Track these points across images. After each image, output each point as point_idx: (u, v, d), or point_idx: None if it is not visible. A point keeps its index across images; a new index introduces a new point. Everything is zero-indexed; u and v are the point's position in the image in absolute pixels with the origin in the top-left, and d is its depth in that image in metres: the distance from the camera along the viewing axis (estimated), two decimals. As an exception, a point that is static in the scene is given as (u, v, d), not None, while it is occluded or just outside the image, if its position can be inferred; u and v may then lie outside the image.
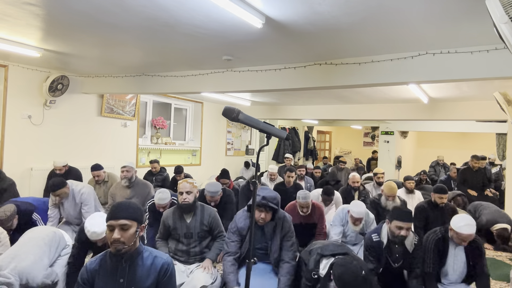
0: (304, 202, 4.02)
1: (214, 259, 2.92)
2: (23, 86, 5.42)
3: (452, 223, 2.80)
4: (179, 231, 2.97)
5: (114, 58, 4.68)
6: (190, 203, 2.96)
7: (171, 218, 3.01)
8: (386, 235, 2.88)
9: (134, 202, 1.96)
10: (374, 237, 2.91)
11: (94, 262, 1.92)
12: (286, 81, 4.56)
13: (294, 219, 3.87)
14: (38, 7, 2.94)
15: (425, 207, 4.42)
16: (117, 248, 1.79)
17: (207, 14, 2.92)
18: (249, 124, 1.72)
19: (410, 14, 2.75)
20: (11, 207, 3.50)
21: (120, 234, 1.79)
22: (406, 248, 2.85)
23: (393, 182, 4.54)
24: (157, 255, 1.94)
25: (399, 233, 2.74)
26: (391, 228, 2.81)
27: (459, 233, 2.74)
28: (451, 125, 10.43)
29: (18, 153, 5.36)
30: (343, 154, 14.88)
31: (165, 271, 1.90)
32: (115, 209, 1.85)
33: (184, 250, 2.97)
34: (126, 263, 1.86)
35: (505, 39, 1.81)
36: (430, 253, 2.85)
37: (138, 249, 1.90)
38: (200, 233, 2.99)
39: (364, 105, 8.08)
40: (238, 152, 10.15)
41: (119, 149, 6.82)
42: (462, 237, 2.74)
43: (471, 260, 2.83)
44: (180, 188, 3.00)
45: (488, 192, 6.91)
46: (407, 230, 2.74)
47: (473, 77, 3.49)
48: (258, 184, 4.50)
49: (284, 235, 2.84)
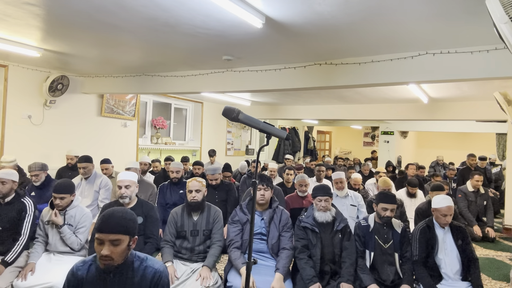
0: (302, 180, 4.36)
1: (212, 266, 2.91)
2: (23, 86, 5.42)
3: (432, 205, 3.00)
4: (186, 228, 3.02)
5: (114, 58, 4.69)
6: (199, 201, 3.02)
7: (180, 215, 3.07)
8: (373, 219, 3.09)
9: (129, 211, 1.77)
10: (362, 222, 3.12)
11: (81, 268, 1.76)
12: (286, 81, 4.57)
13: (293, 204, 4.30)
14: (38, 7, 2.94)
15: (426, 207, 4.42)
16: (106, 264, 1.64)
17: (207, 14, 2.93)
18: (249, 124, 1.72)
19: (410, 14, 2.75)
20: (45, 164, 4.39)
21: (110, 250, 1.62)
22: (394, 229, 3.03)
23: (387, 178, 4.69)
24: (148, 265, 1.78)
25: (385, 214, 2.96)
26: (377, 211, 3.03)
27: (439, 208, 2.92)
28: (451, 125, 10.43)
29: (18, 153, 5.36)
30: (343, 154, 14.89)
31: (157, 281, 1.75)
32: (106, 220, 1.65)
33: (189, 248, 3.01)
34: (115, 276, 1.70)
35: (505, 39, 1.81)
36: (416, 243, 3.00)
37: (128, 259, 1.73)
38: (206, 231, 3.04)
39: (364, 105, 8.08)
40: (238, 152, 10.15)
41: (119, 149, 6.82)
42: (442, 212, 2.90)
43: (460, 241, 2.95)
44: (189, 187, 3.03)
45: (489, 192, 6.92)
46: (391, 211, 2.97)
47: (473, 77, 3.49)
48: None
49: (283, 227, 3.07)
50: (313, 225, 3.00)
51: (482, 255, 4.76)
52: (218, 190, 4.58)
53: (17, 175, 3.22)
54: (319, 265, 2.93)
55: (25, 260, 2.98)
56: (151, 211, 3.15)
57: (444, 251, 2.94)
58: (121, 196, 3.03)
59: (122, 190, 3.02)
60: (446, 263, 2.91)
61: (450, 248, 2.93)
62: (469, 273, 2.90)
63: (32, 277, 2.78)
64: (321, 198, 3.02)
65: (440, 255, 2.94)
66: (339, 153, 15.19)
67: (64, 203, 2.98)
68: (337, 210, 3.14)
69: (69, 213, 3.05)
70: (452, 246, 2.94)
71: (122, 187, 3.03)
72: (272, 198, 3.15)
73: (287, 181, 5.41)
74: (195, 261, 2.99)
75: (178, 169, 4.65)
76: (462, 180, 6.83)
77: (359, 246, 3.02)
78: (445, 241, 2.96)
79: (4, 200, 3.09)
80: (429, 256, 2.95)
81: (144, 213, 3.10)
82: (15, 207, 3.10)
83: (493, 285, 3.80)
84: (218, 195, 4.56)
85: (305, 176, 4.42)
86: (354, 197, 4.42)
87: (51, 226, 3.03)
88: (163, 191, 4.63)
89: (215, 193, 4.55)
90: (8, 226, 3.04)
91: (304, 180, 4.36)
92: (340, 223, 3.02)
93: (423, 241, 2.97)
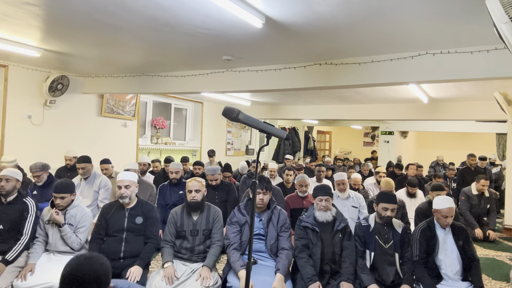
0: (302, 180, 4.36)
1: (212, 266, 2.91)
2: (23, 86, 5.42)
3: (434, 205, 2.98)
4: (185, 228, 3.02)
5: (114, 58, 4.69)
6: (199, 201, 3.02)
7: (179, 215, 3.07)
8: (374, 219, 3.08)
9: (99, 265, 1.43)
10: (363, 222, 3.12)
11: None
12: (286, 81, 4.57)
13: (294, 204, 4.32)
14: (38, 7, 2.94)
15: (426, 207, 4.41)
16: None
17: (207, 14, 2.93)
18: (249, 124, 1.72)
19: (410, 14, 2.75)
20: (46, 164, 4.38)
21: None
22: (395, 229, 3.02)
23: (389, 179, 4.63)
24: None
25: (385, 214, 2.96)
26: (378, 210, 3.02)
27: (440, 209, 2.91)
28: (451, 125, 10.43)
29: (18, 153, 5.36)
30: (343, 154, 14.88)
31: None
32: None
33: (189, 248, 3.00)
34: None
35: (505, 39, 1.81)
36: (417, 243, 2.99)
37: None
38: (206, 231, 3.04)
39: (364, 105, 8.08)
40: (238, 152, 10.15)
41: (119, 149, 6.82)
42: (443, 213, 2.89)
43: (460, 241, 2.93)
44: (189, 187, 3.03)
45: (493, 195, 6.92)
46: (392, 211, 2.96)
47: (473, 77, 3.49)
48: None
49: (281, 227, 3.08)
50: (313, 225, 3.00)
51: (482, 255, 4.76)
52: (218, 191, 4.59)
53: (21, 175, 3.23)
54: (319, 264, 2.93)
55: (25, 260, 2.98)
56: (151, 211, 3.15)
57: (445, 252, 2.93)
58: (121, 196, 3.02)
59: (122, 190, 3.01)
60: (446, 264, 2.90)
61: (450, 249, 2.92)
62: (470, 273, 2.89)
63: (32, 277, 2.78)
64: (322, 197, 3.02)
65: (440, 256, 2.93)
66: (339, 153, 15.19)
67: (64, 203, 2.98)
68: (338, 210, 3.14)
69: (70, 213, 3.05)
70: (453, 247, 2.93)
71: (122, 187, 3.02)
72: (271, 199, 3.16)
73: (287, 181, 5.41)
74: (195, 261, 2.98)
75: (178, 170, 4.66)
76: (462, 180, 6.83)
77: (359, 246, 3.02)
78: (446, 242, 2.95)
79: (6, 199, 3.09)
80: (429, 256, 2.95)
81: (144, 213, 3.10)
82: (17, 207, 3.10)
83: (493, 285, 3.80)
84: (218, 195, 4.56)
85: (305, 176, 4.42)
86: (355, 198, 4.40)
87: (51, 226, 3.03)
88: (163, 191, 4.63)
89: (215, 193, 4.55)
90: (10, 226, 3.05)
91: (305, 180, 4.36)
92: (341, 223, 3.03)
93: (424, 241, 2.96)
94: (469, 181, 6.73)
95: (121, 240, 3.00)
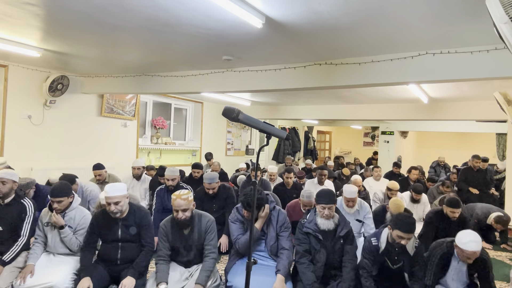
0: (308, 201, 4.05)
1: (204, 284, 2.76)
2: (23, 86, 5.42)
3: (457, 239, 2.75)
4: (178, 244, 2.92)
5: (114, 58, 4.68)
6: (188, 219, 2.87)
7: (169, 229, 2.94)
8: (385, 240, 2.88)
9: None
10: (373, 241, 2.92)
11: None
12: (286, 81, 4.56)
13: (295, 216, 4.01)
14: (38, 7, 2.94)
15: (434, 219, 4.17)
16: None
17: (207, 14, 2.93)
18: (249, 124, 1.72)
19: (410, 14, 2.75)
20: (32, 179, 4.15)
21: None
22: (406, 250, 2.85)
23: (400, 200, 4.15)
24: None
25: (400, 242, 2.76)
26: (392, 235, 2.81)
27: (464, 250, 2.68)
28: (451, 125, 10.43)
29: (18, 153, 5.36)
30: (343, 154, 14.88)
31: None
32: None
33: (184, 261, 2.97)
34: None
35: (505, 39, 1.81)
36: (433, 267, 2.81)
37: None
38: (199, 245, 2.93)
39: (364, 105, 8.08)
40: (238, 152, 10.15)
41: (119, 149, 6.82)
42: (467, 254, 2.68)
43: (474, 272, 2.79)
44: (174, 206, 2.83)
45: (493, 191, 6.91)
46: (407, 240, 2.75)
47: (473, 77, 3.49)
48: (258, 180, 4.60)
49: (280, 227, 3.08)
50: (315, 231, 2.94)
51: (482, 255, 4.76)
52: (215, 199, 4.44)
53: (17, 176, 3.22)
54: (322, 270, 2.90)
55: (25, 261, 2.98)
56: (144, 218, 3.05)
57: (452, 277, 2.83)
58: (111, 212, 2.90)
59: (112, 207, 2.87)
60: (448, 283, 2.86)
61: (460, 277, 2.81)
62: None
63: (32, 277, 2.78)
64: (325, 206, 2.91)
65: (448, 280, 2.84)
66: (339, 153, 15.19)
67: (62, 206, 2.96)
68: (341, 215, 3.05)
69: (69, 215, 3.04)
70: (463, 276, 2.80)
71: (111, 204, 2.87)
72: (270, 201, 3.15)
73: (287, 183, 5.42)
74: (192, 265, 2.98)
75: (174, 177, 4.47)
76: (464, 179, 6.82)
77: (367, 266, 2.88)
78: (461, 270, 2.81)
79: (3, 201, 3.08)
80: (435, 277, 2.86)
81: (136, 222, 3.00)
82: (15, 208, 3.09)
83: (493, 285, 3.80)
84: (215, 203, 4.43)
85: (311, 196, 4.03)
86: (361, 210, 4.08)
87: (50, 228, 3.03)
88: (160, 195, 4.49)
89: (213, 201, 4.42)
90: (8, 227, 3.05)
91: (310, 202, 4.04)
92: (343, 229, 2.95)
93: (440, 267, 2.82)
94: (470, 181, 6.75)
95: (117, 247, 2.96)
